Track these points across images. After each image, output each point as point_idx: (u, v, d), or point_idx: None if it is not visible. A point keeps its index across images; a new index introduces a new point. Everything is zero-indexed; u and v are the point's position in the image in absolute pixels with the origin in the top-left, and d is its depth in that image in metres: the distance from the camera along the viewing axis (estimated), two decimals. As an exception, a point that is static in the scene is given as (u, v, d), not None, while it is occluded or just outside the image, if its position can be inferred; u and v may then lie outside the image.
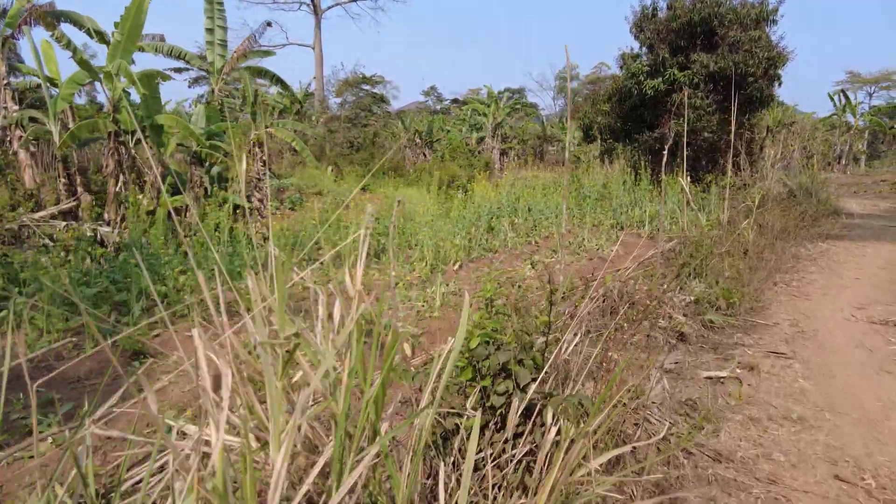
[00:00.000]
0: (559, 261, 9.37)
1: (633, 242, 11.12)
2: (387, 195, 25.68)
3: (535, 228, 11.43)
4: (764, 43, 15.88)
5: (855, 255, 9.94)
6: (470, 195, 15.53)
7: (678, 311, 5.67)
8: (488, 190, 14.61)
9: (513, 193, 12.18)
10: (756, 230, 10.25)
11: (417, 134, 37.53)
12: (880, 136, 46.98)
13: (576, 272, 8.70)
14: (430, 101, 53.64)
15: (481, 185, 18.41)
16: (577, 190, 14.57)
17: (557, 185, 17.74)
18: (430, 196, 15.86)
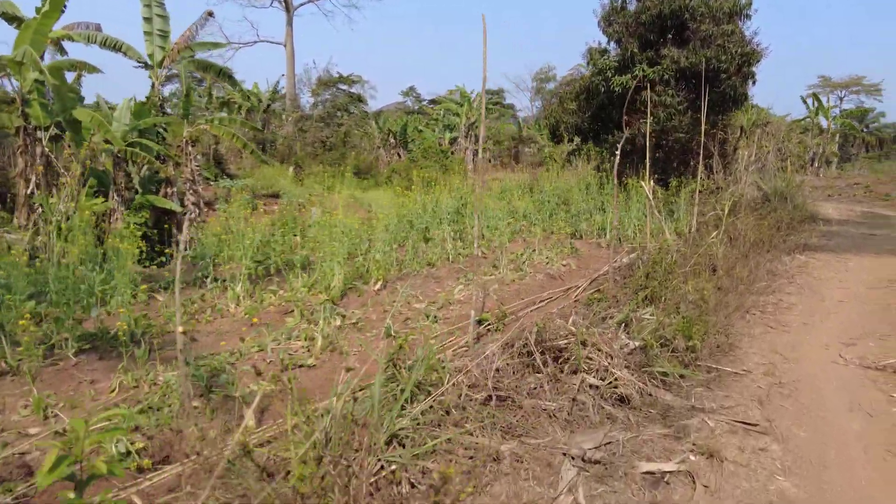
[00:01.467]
0: (501, 279, 7.84)
1: (591, 254, 9.62)
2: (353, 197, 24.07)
3: (482, 238, 9.88)
4: (737, 38, 14.44)
5: (837, 269, 8.50)
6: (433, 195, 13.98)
7: (619, 362, 4.14)
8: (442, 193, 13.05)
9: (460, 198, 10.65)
10: (727, 242, 8.78)
11: (392, 134, 35.93)
12: (851, 139, 46.10)
13: (511, 295, 7.16)
14: (409, 101, 51.89)
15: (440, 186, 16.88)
16: (537, 194, 13.04)
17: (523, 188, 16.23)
18: (403, 198, 14.29)
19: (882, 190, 21.87)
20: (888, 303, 6.83)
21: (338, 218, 7.97)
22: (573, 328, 4.27)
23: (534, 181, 17.11)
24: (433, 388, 3.49)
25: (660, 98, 14.67)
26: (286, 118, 34.52)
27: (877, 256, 9.51)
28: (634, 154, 18.04)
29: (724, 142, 15.63)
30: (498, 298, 6.94)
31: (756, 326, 5.99)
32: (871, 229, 12.46)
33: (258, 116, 32.50)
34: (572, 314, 4.91)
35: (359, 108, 44.71)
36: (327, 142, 34.57)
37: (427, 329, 5.71)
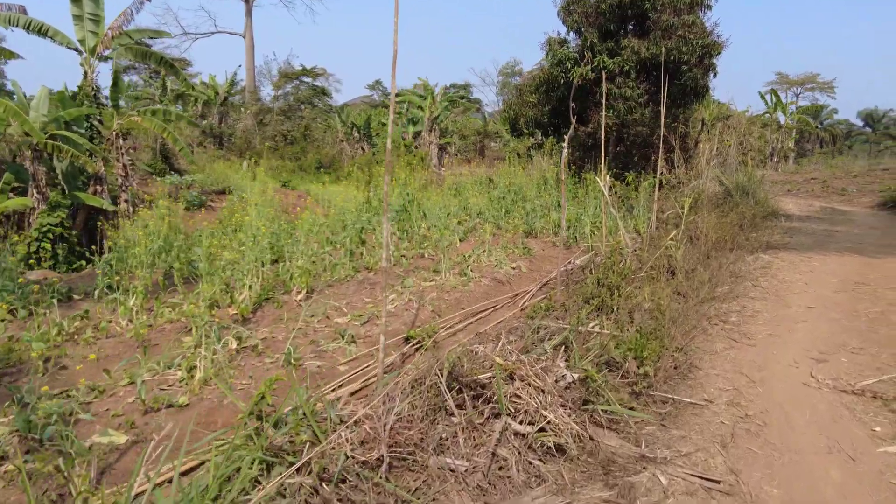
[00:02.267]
0: (441, 285, 6.97)
1: (545, 255, 8.83)
2: (310, 192, 22.99)
3: (426, 239, 9.01)
4: (698, 29, 13.82)
5: (801, 270, 7.88)
6: (376, 191, 13.04)
7: (554, 399, 3.31)
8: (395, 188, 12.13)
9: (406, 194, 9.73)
10: (687, 242, 8.08)
11: (355, 128, 34.76)
12: (806, 134, 46.63)
13: (451, 305, 6.31)
14: (376, 94, 50.64)
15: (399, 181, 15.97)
16: (492, 191, 12.22)
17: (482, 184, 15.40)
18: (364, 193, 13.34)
19: (837, 185, 21.70)
20: (856, 309, 6.18)
21: (258, 216, 6.99)
22: (498, 358, 3.42)
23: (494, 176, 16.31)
24: (297, 455, 2.60)
25: (620, 90, 13.99)
26: (245, 111, 33.03)
27: (839, 255, 8.94)
28: (595, 148, 17.38)
29: (686, 136, 15.05)
30: (434, 310, 6.08)
31: (718, 340, 5.25)
32: (832, 226, 11.98)
33: (215, 109, 30.99)
34: (502, 338, 4.06)
35: (323, 102, 43.37)
36: (288, 135, 33.24)
37: (341, 352, 4.81)
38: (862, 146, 54.66)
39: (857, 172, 24.17)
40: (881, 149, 51.26)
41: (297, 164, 29.06)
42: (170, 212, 8.53)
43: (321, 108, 40.30)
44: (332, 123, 34.80)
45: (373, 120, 34.22)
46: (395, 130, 29.76)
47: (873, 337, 5.31)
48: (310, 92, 43.67)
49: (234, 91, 35.17)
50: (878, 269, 7.94)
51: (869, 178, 22.17)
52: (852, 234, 10.98)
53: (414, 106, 30.07)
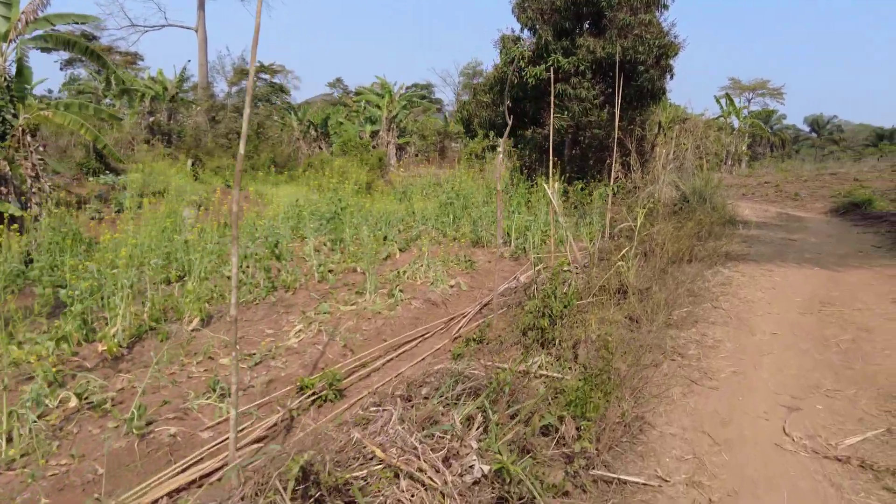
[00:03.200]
0: (362, 310, 5.95)
1: (490, 269, 7.90)
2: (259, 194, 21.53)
3: (357, 253, 7.96)
4: (655, 29, 13.13)
5: (763, 287, 7.15)
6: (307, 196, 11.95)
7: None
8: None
9: (339, 200, 8.67)
10: (641, 256, 7.26)
11: (313, 126, 33.34)
12: (758, 139, 47.30)
13: (372, 335, 5.31)
14: (337, 92, 49.12)
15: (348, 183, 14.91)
16: (440, 195, 11.25)
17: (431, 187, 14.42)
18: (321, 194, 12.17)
19: (790, 189, 21.53)
20: (824, 335, 5.43)
21: (152, 225, 5.85)
22: (378, 448, 2.44)
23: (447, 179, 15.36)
24: None
25: (575, 91, 13.18)
26: (196, 108, 31.23)
27: (800, 268, 8.29)
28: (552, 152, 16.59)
29: (643, 139, 14.37)
30: (348, 344, 5.06)
31: (676, 382, 4.39)
32: (789, 233, 11.43)
33: (163, 105, 29.15)
34: (398, 405, 3.06)
35: (281, 99, 41.73)
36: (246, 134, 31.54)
37: (210, 411, 3.76)
38: (808, 150, 55.97)
39: (807, 177, 24.13)
40: (825, 153, 52.57)
41: (249, 163, 27.56)
42: (65, 218, 7.29)
43: (280, 105, 38.68)
44: (288, 121, 33.31)
45: (331, 118, 32.88)
46: (352, 129, 28.53)
47: (848, 374, 4.54)
48: (267, 89, 41.98)
49: (185, 87, 33.32)
50: (840, 284, 7.28)
51: (818, 183, 22.08)
52: (810, 242, 10.41)
53: (372, 104, 28.88)
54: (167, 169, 20.09)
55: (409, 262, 7.79)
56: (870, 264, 8.37)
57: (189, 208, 11.02)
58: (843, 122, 62.50)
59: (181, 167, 22.15)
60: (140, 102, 28.16)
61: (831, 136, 60.37)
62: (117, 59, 35.14)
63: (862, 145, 55.57)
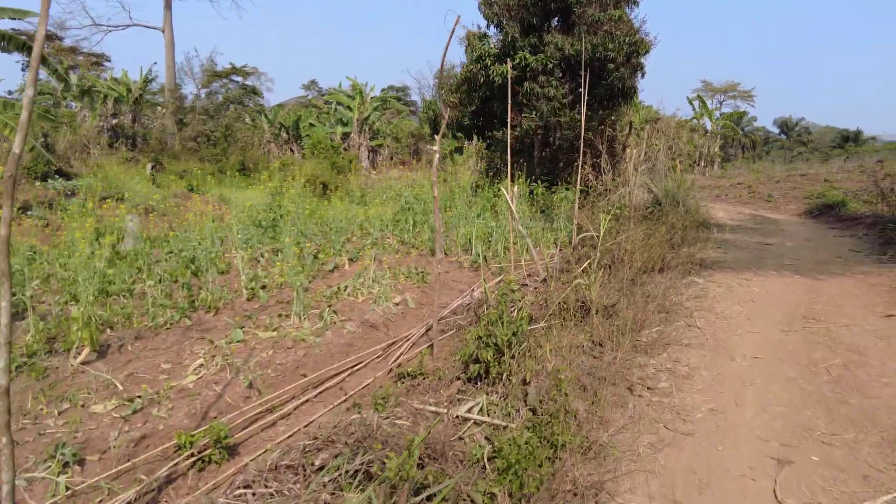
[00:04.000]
0: (281, 338, 5.06)
1: (447, 281, 7.07)
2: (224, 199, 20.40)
3: (297, 266, 7.07)
4: (625, 25, 12.46)
5: (741, 299, 6.43)
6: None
7: None
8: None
9: (278, 207, 7.78)
10: (609, 266, 6.50)
11: (284, 128, 32.24)
12: (731, 140, 47.37)
13: (290, 368, 4.45)
14: (311, 94, 47.97)
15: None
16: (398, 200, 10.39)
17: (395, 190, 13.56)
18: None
19: (763, 190, 21.12)
20: (812, 359, 4.71)
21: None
22: None
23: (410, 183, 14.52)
24: None
25: (543, 90, 12.44)
26: (163, 110, 29.93)
27: (778, 275, 7.61)
28: (522, 153, 15.88)
29: (613, 139, 13.69)
30: (255, 382, 4.18)
31: (643, 427, 3.60)
32: (765, 237, 10.80)
33: (127, 107, 27.82)
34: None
35: (254, 102, 40.48)
36: (212, 136, 30.40)
37: (39, 489, 2.85)
38: (778, 152, 56.32)
39: (779, 177, 23.81)
40: (795, 154, 52.90)
41: (217, 166, 26.39)
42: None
43: (252, 108, 37.45)
44: (259, 124, 32.16)
45: (302, 120, 31.83)
46: (322, 131, 27.52)
47: (844, 412, 3.80)
48: (239, 91, 40.71)
49: (151, 89, 31.97)
50: (823, 294, 6.60)
51: (790, 184, 21.72)
52: (787, 247, 9.78)
53: (343, 106, 27.91)
54: (122, 174, 18.93)
55: (348, 278, 6.92)
56: (851, 271, 7.73)
57: (132, 216, 9.99)
58: (810, 124, 63.09)
59: (140, 171, 20.96)
60: (102, 104, 26.82)
61: (800, 138, 60.91)
62: (80, 60, 33.61)
63: (829, 146, 56.10)
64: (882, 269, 7.67)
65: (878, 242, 9.55)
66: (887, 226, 10.09)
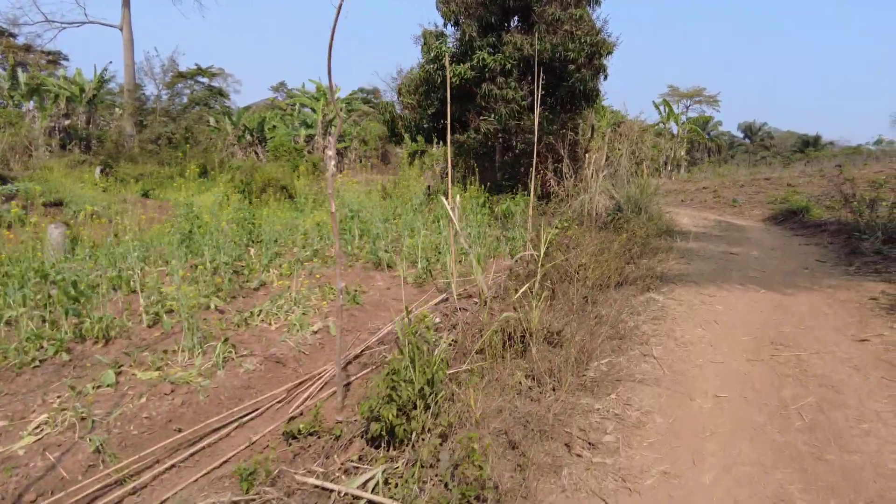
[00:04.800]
0: (158, 381, 4.18)
1: (382, 300, 6.24)
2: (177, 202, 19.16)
3: (236, 277, 6.16)
4: (586, 24, 11.82)
5: (704, 320, 5.76)
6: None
7: None
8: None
9: (196, 218, 6.87)
10: (556, 284, 5.76)
11: (248, 130, 31.01)
12: (696, 144, 47.61)
13: (162, 419, 3.57)
14: (281, 96, 46.61)
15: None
16: (341, 207, 9.51)
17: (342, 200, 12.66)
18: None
19: (728, 194, 20.82)
20: (782, 397, 4.03)
21: None
22: None
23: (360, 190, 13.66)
24: None
25: (501, 91, 11.71)
26: (120, 111, 28.45)
27: (744, 290, 6.98)
28: (485, 158, 15.15)
29: (576, 143, 13.04)
30: (113, 441, 3.30)
31: (579, 502, 2.84)
32: (730, 245, 10.24)
33: (80, 107, 26.31)
34: None
35: (220, 104, 39.05)
36: (173, 138, 29.04)
37: None
38: (743, 156, 56.92)
39: (743, 181, 23.58)
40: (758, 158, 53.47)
41: (176, 169, 25.10)
42: None
43: (216, 110, 36.06)
44: (222, 126, 30.87)
45: (267, 122, 30.65)
46: (285, 133, 26.43)
47: (822, 472, 3.10)
48: (205, 93, 39.24)
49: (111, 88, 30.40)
50: (791, 313, 5.97)
51: (754, 188, 21.47)
52: (752, 257, 9.21)
53: (307, 108, 26.86)
54: (64, 178, 17.64)
55: (293, 289, 6.06)
56: (819, 285, 7.15)
57: (56, 225, 8.90)
58: (772, 129, 64.03)
59: (89, 175, 19.63)
60: (53, 104, 25.28)
61: (763, 143, 61.76)
62: (31, 58, 31.83)
63: (790, 151, 56.93)
64: (850, 283, 7.10)
65: (844, 252, 9.05)
66: (852, 234, 9.60)
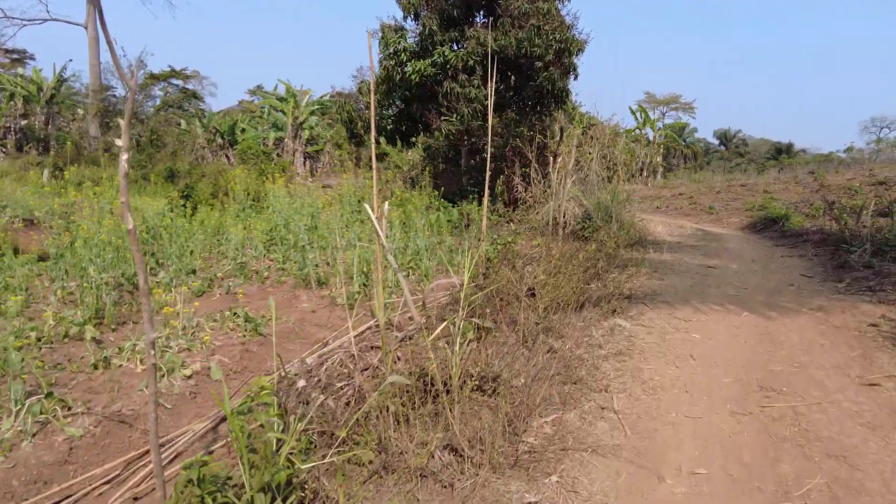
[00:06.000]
0: None
1: (293, 329, 5.07)
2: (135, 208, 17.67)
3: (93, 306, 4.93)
4: (555, 20, 10.80)
5: (678, 353, 4.69)
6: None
7: None
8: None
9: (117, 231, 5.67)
10: (500, 309, 4.66)
11: (219, 134, 29.59)
12: (672, 151, 47.16)
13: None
14: (257, 99, 45.16)
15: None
16: (268, 214, 8.31)
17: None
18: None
19: (704, 201, 19.97)
20: (781, 476, 2.96)
21: None
22: None
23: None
24: None
25: (464, 90, 10.61)
26: (82, 112, 26.86)
27: (724, 313, 5.95)
28: (453, 162, 14.06)
29: (544, 147, 12.00)
30: None
31: None
32: (707, 257, 9.24)
33: (37, 107, 24.71)
34: None
35: (195, 106, 37.49)
36: (140, 141, 27.51)
37: None
38: (718, 162, 56.71)
39: (720, 188, 22.79)
40: (733, 165, 53.24)
41: (141, 172, 23.62)
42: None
43: (189, 112, 34.55)
44: (192, 128, 29.42)
45: (238, 125, 29.27)
46: (253, 135, 25.10)
47: None
48: (179, 95, 37.68)
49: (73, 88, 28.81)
50: (780, 344, 4.93)
51: (731, 194, 20.67)
52: (732, 271, 8.21)
53: (276, 110, 25.55)
54: (16, 181, 16.20)
55: (164, 322, 4.86)
56: (808, 305, 6.14)
57: None
58: (746, 136, 64.06)
59: (36, 178, 18.14)
60: (9, 103, 23.69)
61: (738, 150, 61.74)
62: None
63: (764, 158, 56.87)
64: (843, 304, 6.11)
65: (832, 265, 8.08)
66: (839, 246, 8.66)
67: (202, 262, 7.24)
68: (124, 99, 31.84)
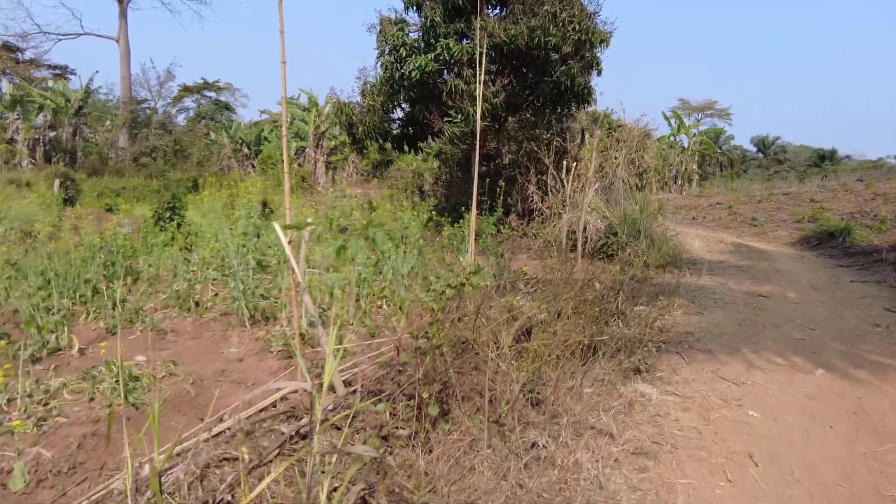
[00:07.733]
0: None
1: (201, 390, 3.63)
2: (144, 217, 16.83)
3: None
4: (574, 7, 9.21)
5: (727, 449, 3.04)
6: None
7: None
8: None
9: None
10: (438, 413, 3.11)
11: (244, 143, 29.00)
12: (708, 158, 44.42)
13: None
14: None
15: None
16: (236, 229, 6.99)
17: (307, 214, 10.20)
18: None
19: (745, 211, 17.83)
20: None
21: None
22: None
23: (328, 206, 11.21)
24: None
25: (469, 87, 9.13)
26: (111, 123, 26.63)
27: (790, 370, 4.24)
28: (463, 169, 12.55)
29: (563, 152, 10.37)
30: None
31: None
32: (757, 282, 7.43)
33: (66, 119, 24.50)
34: None
35: (226, 117, 37.29)
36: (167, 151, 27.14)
37: None
38: (756, 170, 53.39)
39: (760, 197, 20.52)
40: (772, 173, 49.88)
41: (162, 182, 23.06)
42: None
43: (220, 123, 34.29)
44: (219, 139, 28.95)
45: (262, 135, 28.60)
46: (275, 145, 24.23)
47: None
48: (211, 107, 37.58)
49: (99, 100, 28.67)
50: (888, 433, 3.22)
51: (773, 204, 18.46)
52: (790, 302, 6.41)
53: (298, 119, 24.66)
54: (9, 192, 15.56)
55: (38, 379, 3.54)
56: (906, 358, 4.36)
57: None
58: (786, 143, 60.31)
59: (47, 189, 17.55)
60: (38, 115, 23.53)
61: (776, 157, 58.14)
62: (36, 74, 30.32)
63: (805, 165, 53.24)
64: (960, 358, 4.30)
65: (923, 297, 6.20)
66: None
67: (146, 286, 5.98)
68: (153, 110, 31.71)
